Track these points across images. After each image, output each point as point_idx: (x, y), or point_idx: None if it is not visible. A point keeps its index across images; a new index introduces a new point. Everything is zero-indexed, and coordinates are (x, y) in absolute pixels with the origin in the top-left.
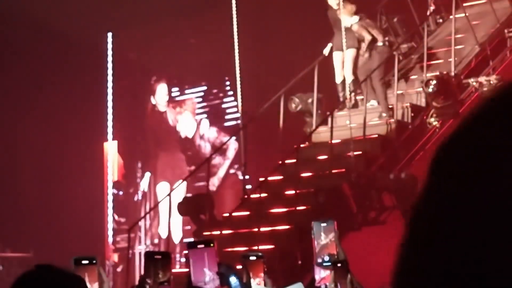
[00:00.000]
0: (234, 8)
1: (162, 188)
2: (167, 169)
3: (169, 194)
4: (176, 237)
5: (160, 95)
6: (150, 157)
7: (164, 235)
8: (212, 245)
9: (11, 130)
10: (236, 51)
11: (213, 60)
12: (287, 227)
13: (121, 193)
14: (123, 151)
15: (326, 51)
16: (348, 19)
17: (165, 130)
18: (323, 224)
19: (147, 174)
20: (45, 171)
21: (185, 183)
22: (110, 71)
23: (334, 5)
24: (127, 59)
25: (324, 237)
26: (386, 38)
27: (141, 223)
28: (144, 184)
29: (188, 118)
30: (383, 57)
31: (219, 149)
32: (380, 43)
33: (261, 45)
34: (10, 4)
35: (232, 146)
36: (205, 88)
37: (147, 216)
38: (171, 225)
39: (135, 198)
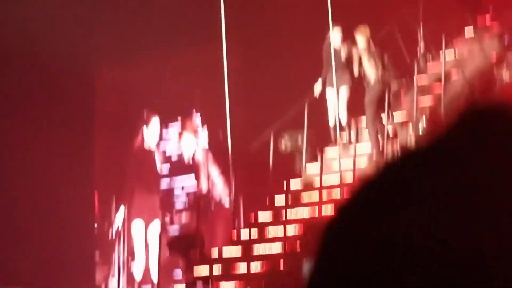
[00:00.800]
0: (224, 44)
1: (137, 225)
2: (144, 207)
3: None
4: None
5: (152, 131)
6: (126, 191)
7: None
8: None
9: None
10: (226, 86)
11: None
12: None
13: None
14: (100, 183)
15: (317, 91)
16: (363, 41)
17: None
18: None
19: (122, 208)
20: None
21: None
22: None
23: (336, 40)
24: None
25: None
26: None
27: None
28: (119, 220)
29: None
30: (378, 95)
31: (210, 190)
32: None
33: (250, 82)
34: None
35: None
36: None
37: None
38: (152, 264)
39: (109, 234)
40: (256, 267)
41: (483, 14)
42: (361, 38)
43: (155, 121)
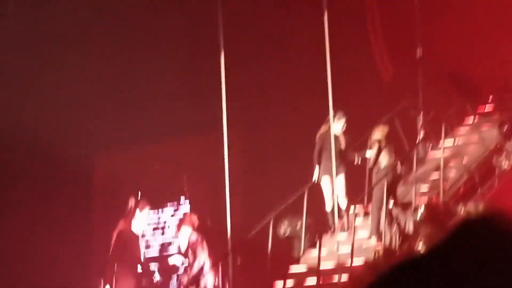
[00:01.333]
0: (225, 132)
1: None
2: None
3: None
4: None
5: (143, 218)
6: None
7: None
8: None
9: None
10: (227, 174)
11: (202, 184)
12: None
13: None
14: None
15: (315, 177)
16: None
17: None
18: None
19: None
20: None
21: None
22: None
23: (338, 131)
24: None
25: None
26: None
27: None
28: None
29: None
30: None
31: (207, 272)
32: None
33: (250, 168)
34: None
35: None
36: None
37: None
38: None
39: None
40: None
41: (483, 103)
42: (379, 133)
43: (146, 209)
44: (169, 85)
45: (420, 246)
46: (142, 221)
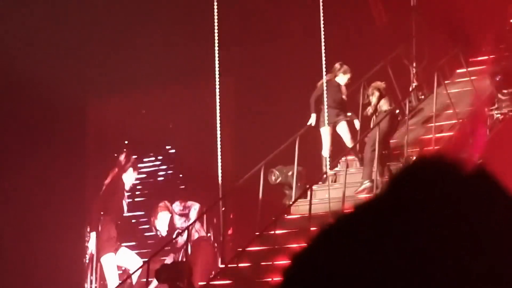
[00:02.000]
0: (217, 79)
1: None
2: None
3: (148, 261)
4: None
5: (130, 177)
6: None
7: None
8: None
9: None
10: (218, 121)
11: (194, 129)
12: None
13: None
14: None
15: (313, 121)
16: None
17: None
18: None
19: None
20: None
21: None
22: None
23: (342, 81)
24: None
25: None
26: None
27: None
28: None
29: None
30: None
31: (198, 218)
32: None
33: (242, 117)
34: None
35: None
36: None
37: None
38: None
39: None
40: None
41: (476, 53)
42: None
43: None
44: (162, 32)
45: None
46: (132, 178)
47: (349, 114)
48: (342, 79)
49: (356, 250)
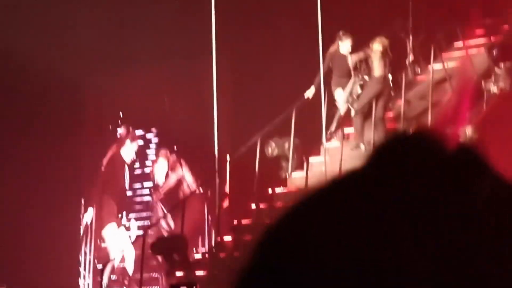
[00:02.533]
0: (214, 53)
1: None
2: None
3: (145, 232)
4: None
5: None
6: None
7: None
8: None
9: None
10: (215, 93)
11: (191, 103)
12: None
13: None
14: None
15: (310, 94)
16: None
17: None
18: None
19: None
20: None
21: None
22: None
23: (346, 51)
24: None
25: None
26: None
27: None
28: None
29: (162, 166)
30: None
31: (195, 192)
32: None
33: (239, 88)
34: None
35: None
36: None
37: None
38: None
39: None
40: None
41: (473, 28)
42: (379, 46)
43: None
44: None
45: None
46: (131, 151)
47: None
48: (344, 47)
49: (331, 223)
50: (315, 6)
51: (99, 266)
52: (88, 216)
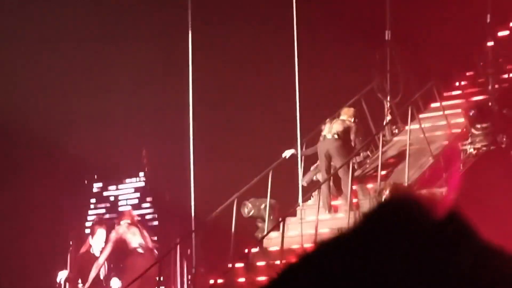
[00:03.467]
0: (191, 110)
1: None
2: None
3: None
4: None
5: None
6: None
7: None
8: None
9: None
10: (191, 155)
11: (168, 160)
12: None
13: None
14: None
15: (288, 153)
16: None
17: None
18: None
19: None
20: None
21: None
22: None
23: (329, 135)
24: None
25: None
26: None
27: None
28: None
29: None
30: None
31: (172, 249)
32: None
33: (215, 148)
34: None
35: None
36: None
37: None
38: None
39: None
40: None
41: (450, 88)
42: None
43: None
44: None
45: None
46: (102, 237)
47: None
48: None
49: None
50: (293, 64)
51: None
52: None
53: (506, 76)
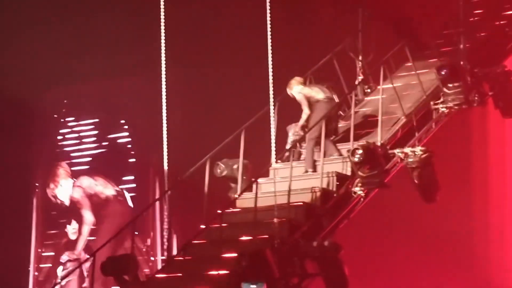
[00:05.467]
0: (163, 69)
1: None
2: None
3: (93, 254)
4: None
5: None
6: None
7: None
8: None
9: None
10: (164, 114)
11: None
12: None
13: None
14: None
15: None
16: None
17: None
18: (253, 286)
19: None
20: None
21: None
22: None
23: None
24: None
25: None
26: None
27: None
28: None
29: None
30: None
31: (145, 210)
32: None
33: (189, 109)
34: None
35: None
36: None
37: None
38: None
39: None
40: None
41: (422, 47)
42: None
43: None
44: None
45: (357, 188)
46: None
47: None
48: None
49: None
50: (265, 28)
51: None
52: None
53: (477, 35)
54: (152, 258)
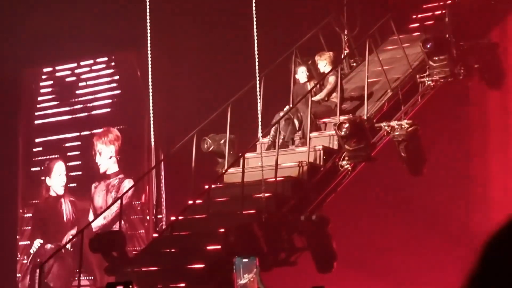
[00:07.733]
0: (149, 44)
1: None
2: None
3: (81, 231)
4: None
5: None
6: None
7: None
8: (131, 286)
9: None
10: (150, 88)
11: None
12: (200, 266)
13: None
14: None
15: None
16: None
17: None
18: (245, 260)
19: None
20: None
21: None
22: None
23: (302, 79)
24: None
25: (245, 275)
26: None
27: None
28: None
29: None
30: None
31: (132, 187)
32: None
33: (175, 84)
34: None
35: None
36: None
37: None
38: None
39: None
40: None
41: (408, 20)
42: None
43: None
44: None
45: (344, 162)
46: (58, 179)
47: None
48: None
49: None
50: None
51: None
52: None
53: (463, 7)
54: (147, 218)
